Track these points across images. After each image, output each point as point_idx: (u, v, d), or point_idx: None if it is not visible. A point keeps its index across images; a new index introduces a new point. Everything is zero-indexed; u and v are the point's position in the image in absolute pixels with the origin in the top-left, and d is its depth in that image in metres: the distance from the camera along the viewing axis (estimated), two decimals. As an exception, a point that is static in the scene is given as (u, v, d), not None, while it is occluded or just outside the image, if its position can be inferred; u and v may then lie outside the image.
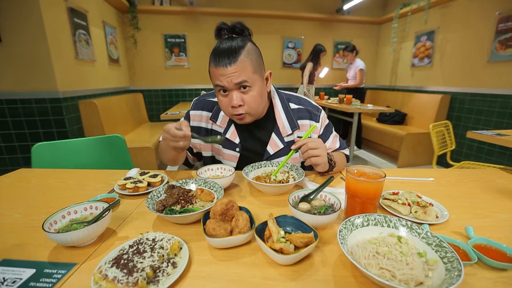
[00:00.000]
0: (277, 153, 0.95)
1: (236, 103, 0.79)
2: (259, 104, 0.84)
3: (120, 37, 3.72)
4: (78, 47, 2.49)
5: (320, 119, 0.97)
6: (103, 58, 3.13)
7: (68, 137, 2.27)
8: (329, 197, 0.66)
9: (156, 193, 0.70)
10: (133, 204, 0.74)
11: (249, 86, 0.79)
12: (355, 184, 0.60)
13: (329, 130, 1.01)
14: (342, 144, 1.04)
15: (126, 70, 3.96)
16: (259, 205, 0.72)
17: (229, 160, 0.97)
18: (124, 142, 1.39)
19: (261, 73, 0.83)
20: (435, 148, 2.10)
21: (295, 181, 0.79)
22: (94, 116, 2.53)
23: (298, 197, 0.68)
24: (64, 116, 2.24)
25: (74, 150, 1.33)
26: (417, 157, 3.40)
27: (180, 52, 4.19)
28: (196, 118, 0.99)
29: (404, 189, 0.80)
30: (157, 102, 4.30)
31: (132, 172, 0.93)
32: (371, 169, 0.64)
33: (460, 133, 3.11)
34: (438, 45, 3.44)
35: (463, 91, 3.11)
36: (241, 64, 0.76)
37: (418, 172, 0.99)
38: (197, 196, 0.69)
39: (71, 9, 2.39)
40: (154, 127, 3.70)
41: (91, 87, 2.79)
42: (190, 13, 4.02)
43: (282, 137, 0.94)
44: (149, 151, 2.66)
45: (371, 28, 4.69)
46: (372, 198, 0.59)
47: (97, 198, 0.73)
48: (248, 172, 0.84)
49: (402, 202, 0.67)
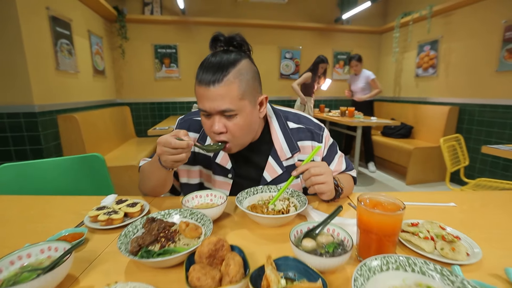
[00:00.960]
0: (275, 179, 0.88)
1: (217, 130, 0.73)
2: (245, 135, 0.77)
3: (107, 47, 3.73)
4: (59, 58, 2.46)
5: (323, 138, 0.91)
6: (87, 69, 3.10)
7: (43, 155, 2.18)
8: (338, 232, 0.59)
9: (131, 228, 0.62)
10: (105, 241, 0.66)
11: (234, 113, 0.72)
12: (368, 217, 0.53)
13: (334, 150, 0.96)
14: (348, 165, 0.98)
15: (112, 82, 3.93)
16: (255, 240, 0.65)
17: (221, 188, 0.91)
18: (103, 162, 1.31)
19: (252, 98, 0.75)
20: (447, 164, 2.05)
21: (296, 210, 0.72)
22: (74, 132, 2.46)
23: (301, 231, 0.61)
24: (40, 132, 2.17)
25: (45, 172, 1.25)
26: (427, 173, 3.36)
27: (171, 63, 4.20)
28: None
29: (421, 216, 0.74)
30: (145, 116, 4.26)
31: (107, 200, 0.86)
32: (387, 198, 0.58)
33: (471, 147, 3.08)
34: (443, 55, 3.49)
35: (472, 102, 3.12)
36: (227, 87, 0.69)
37: (435, 196, 0.93)
38: (181, 231, 0.62)
39: (53, 18, 2.38)
40: (141, 143, 3.63)
41: (73, 100, 2.74)
42: (182, 22, 4.06)
43: (281, 161, 0.87)
44: (134, 170, 2.58)
45: (372, 37, 4.79)
46: (390, 234, 0.52)
47: (62, 234, 0.65)
48: (242, 199, 0.77)
49: (424, 235, 0.60)
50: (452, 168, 2.10)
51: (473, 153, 3.05)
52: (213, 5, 4.14)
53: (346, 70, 4.82)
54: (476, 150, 3.06)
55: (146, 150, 3.14)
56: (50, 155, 2.30)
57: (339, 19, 4.46)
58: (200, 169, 0.92)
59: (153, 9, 3.97)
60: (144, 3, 3.95)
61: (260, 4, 4.27)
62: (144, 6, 3.95)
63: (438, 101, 3.59)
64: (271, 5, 4.31)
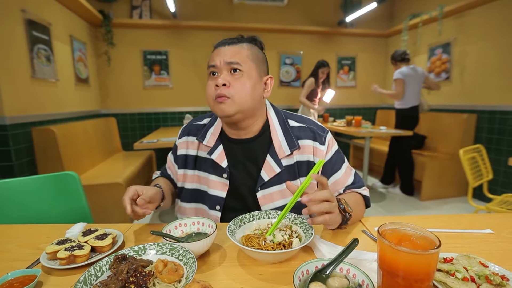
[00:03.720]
0: (272, 179, 0.86)
1: (220, 82, 0.78)
2: (246, 96, 0.80)
3: (91, 53, 3.70)
4: (36, 65, 2.41)
5: (326, 141, 0.87)
6: (68, 78, 3.06)
7: (13, 173, 2.09)
8: (354, 273, 0.51)
9: (94, 270, 0.54)
10: (63, 286, 0.57)
11: (240, 71, 0.80)
12: (394, 257, 0.45)
13: (341, 157, 0.91)
14: (358, 181, 0.91)
15: (97, 91, 3.89)
16: (250, 282, 0.57)
17: (216, 189, 0.89)
18: (78, 182, 1.23)
19: (260, 69, 0.84)
20: (469, 179, 1.98)
21: (301, 242, 0.64)
22: (51, 147, 2.37)
23: (308, 272, 0.52)
24: (11, 147, 2.09)
25: (10, 193, 1.17)
26: (444, 188, 3.27)
27: (162, 71, 4.17)
28: (182, 146, 0.98)
29: (452, 247, 0.66)
30: (133, 128, 4.19)
31: (73, 230, 0.77)
32: (415, 230, 0.50)
33: (493, 158, 3.01)
34: (456, 58, 3.47)
35: (491, 109, 3.07)
36: (239, 48, 0.81)
37: (465, 220, 0.84)
38: (156, 274, 0.53)
39: (29, 21, 2.35)
40: (128, 157, 3.54)
41: (51, 111, 2.68)
42: (173, 27, 4.07)
43: (279, 159, 0.86)
44: (118, 188, 2.48)
45: (378, 41, 4.81)
46: (422, 279, 0.44)
47: (7, 278, 0.56)
48: (234, 229, 0.68)
49: (463, 276, 0.52)
50: (474, 183, 2.02)
51: (494, 165, 2.97)
52: (207, 8, 4.16)
53: (351, 77, 4.81)
54: (498, 162, 2.99)
55: (132, 166, 3.05)
56: (23, 173, 2.21)
57: (342, 22, 4.48)
58: (197, 174, 0.93)
59: (142, 12, 3.98)
60: (132, 6, 3.96)
61: (257, 7, 4.29)
62: (132, 10, 3.96)
63: (452, 108, 3.55)
64: (269, 8, 4.34)
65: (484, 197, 2.21)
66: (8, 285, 0.54)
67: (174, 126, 4.26)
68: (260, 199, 0.86)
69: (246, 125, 0.86)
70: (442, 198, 3.29)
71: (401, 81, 3.21)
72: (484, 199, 2.89)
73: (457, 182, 3.28)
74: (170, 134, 3.20)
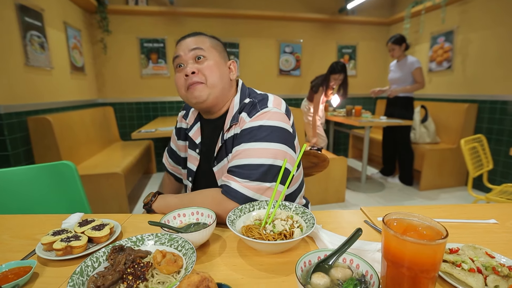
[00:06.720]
0: (220, 154, 0.90)
1: (189, 70, 0.83)
2: (217, 77, 0.86)
3: (86, 41, 3.62)
4: (29, 52, 2.36)
5: (257, 114, 0.81)
6: (64, 66, 3.00)
7: (10, 163, 2.07)
8: (358, 263, 0.50)
9: (91, 262, 0.52)
10: (60, 277, 0.56)
11: (204, 57, 0.85)
12: (399, 247, 0.44)
13: (262, 136, 0.78)
14: (252, 173, 0.78)
15: (93, 79, 3.83)
16: (251, 273, 0.56)
17: (191, 162, 1.00)
18: (75, 171, 1.21)
19: (221, 55, 0.90)
20: (469, 168, 1.97)
21: (302, 232, 0.63)
22: (48, 136, 2.35)
23: (310, 263, 0.51)
24: (6, 136, 2.06)
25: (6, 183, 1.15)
26: (443, 177, 3.28)
27: (159, 59, 4.10)
28: (180, 120, 1.09)
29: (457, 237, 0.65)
30: (131, 117, 4.15)
31: (70, 220, 0.76)
32: (421, 220, 0.48)
33: (493, 148, 3.01)
34: (459, 47, 3.42)
35: (493, 99, 3.05)
36: (200, 39, 0.88)
37: (468, 210, 0.83)
38: (155, 265, 0.52)
39: (21, 6, 2.27)
40: (126, 147, 3.52)
41: (47, 100, 2.63)
42: (170, 14, 3.97)
43: (223, 133, 0.90)
44: (116, 178, 2.47)
45: (379, 29, 4.73)
46: (428, 269, 0.43)
47: (1, 269, 0.55)
48: (234, 219, 0.67)
49: (469, 267, 0.51)
50: (474, 173, 2.01)
51: (494, 155, 2.97)
52: (204, -6, 4.06)
53: (351, 66, 4.75)
54: (498, 152, 2.98)
55: (131, 155, 3.04)
56: (19, 163, 2.19)
57: (343, 9, 4.39)
58: (186, 145, 1.05)
59: (138, -2, 3.88)
60: (128, -8, 3.85)
61: (256, -7, 4.19)
62: (128, -4, 3.86)
63: (454, 98, 3.52)
64: (268, -6, 4.24)
65: (483, 187, 2.21)
66: (2, 276, 0.53)
67: (172, 115, 4.22)
68: (216, 173, 0.92)
69: (217, 109, 0.92)
70: (441, 188, 3.30)
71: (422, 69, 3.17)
72: (483, 189, 2.90)
73: (456, 172, 3.29)
74: (168, 124, 3.17)
